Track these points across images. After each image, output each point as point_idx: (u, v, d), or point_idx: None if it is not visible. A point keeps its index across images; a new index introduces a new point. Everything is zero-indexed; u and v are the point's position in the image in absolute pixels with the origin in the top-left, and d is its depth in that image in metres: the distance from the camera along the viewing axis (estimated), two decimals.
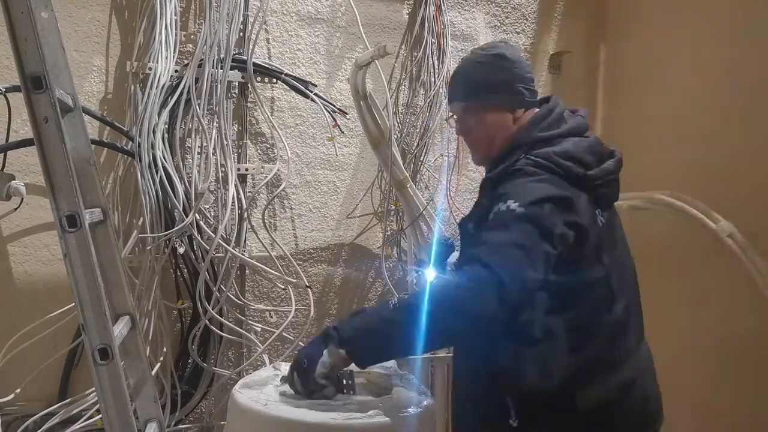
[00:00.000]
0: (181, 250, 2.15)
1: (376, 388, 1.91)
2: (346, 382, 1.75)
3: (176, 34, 2.17)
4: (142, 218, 2.10)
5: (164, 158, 2.09)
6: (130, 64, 2.14)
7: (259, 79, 2.35)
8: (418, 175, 2.60)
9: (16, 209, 2.03)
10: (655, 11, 2.64)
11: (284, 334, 2.28)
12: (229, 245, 2.19)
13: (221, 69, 2.17)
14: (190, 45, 2.26)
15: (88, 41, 2.16)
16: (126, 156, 2.16)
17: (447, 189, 2.61)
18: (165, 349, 2.15)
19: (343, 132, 2.46)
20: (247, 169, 2.34)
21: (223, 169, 2.21)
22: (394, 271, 2.59)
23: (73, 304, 1.26)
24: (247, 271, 2.37)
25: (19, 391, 2.04)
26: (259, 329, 2.32)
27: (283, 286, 2.36)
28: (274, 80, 2.37)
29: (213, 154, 2.19)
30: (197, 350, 2.20)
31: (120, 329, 1.41)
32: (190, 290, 2.20)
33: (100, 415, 1.62)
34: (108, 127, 2.15)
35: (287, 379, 1.52)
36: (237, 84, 2.32)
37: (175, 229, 2.07)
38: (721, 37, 2.32)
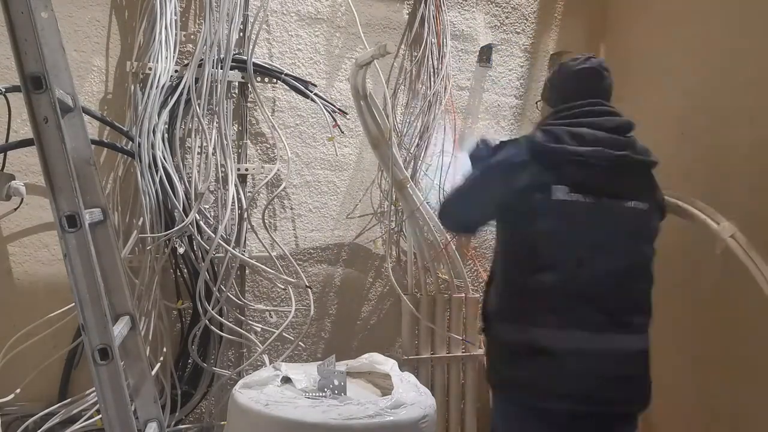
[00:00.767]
0: (181, 250, 2.15)
1: (376, 388, 1.91)
2: (338, 383, 1.76)
3: (176, 34, 2.17)
4: (142, 218, 2.09)
5: (164, 158, 2.09)
6: (130, 64, 2.14)
7: (259, 79, 2.35)
8: (418, 175, 2.59)
9: (16, 209, 2.03)
10: (655, 11, 2.64)
11: (284, 334, 2.28)
12: (229, 245, 2.19)
13: (221, 69, 2.17)
14: (190, 45, 2.27)
15: (88, 41, 2.17)
16: (126, 156, 2.16)
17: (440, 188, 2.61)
18: (165, 349, 2.15)
19: (343, 132, 2.46)
20: (247, 169, 2.34)
21: (223, 169, 2.21)
22: (393, 271, 2.59)
23: (73, 304, 1.26)
24: (247, 271, 2.37)
25: (19, 391, 2.04)
26: (259, 329, 2.32)
27: (283, 286, 2.36)
28: (274, 80, 2.37)
29: (213, 154, 2.19)
30: (197, 350, 2.20)
31: (120, 329, 1.41)
32: (190, 290, 2.20)
33: (100, 415, 1.62)
34: (108, 127, 2.15)
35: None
36: (237, 84, 2.32)
37: (175, 229, 2.07)
38: (721, 36, 2.32)
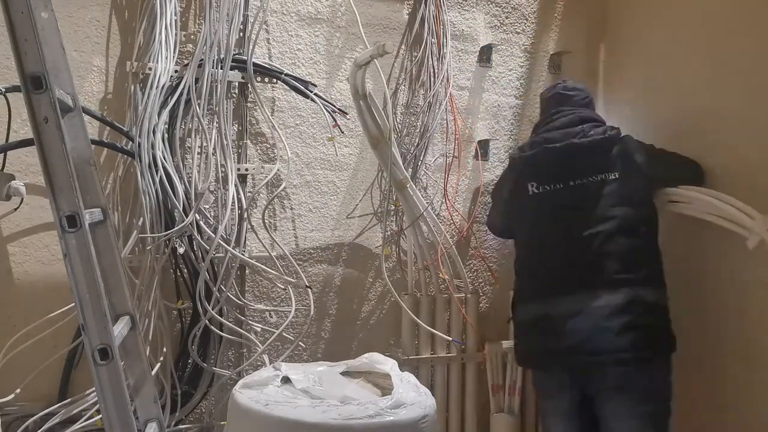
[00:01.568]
0: (181, 250, 2.15)
1: (376, 388, 1.91)
2: None
3: (176, 34, 2.17)
4: (142, 218, 2.09)
5: (164, 158, 2.09)
6: (130, 64, 2.14)
7: (259, 79, 2.35)
8: (418, 175, 2.60)
9: (16, 209, 2.03)
10: (654, 11, 2.64)
11: (284, 334, 2.28)
12: (229, 245, 2.19)
13: (221, 69, 2.17)
14: (190, 45, 2.27)
15: (88, 41, 2.16)
16: (126, 156, 2.16)
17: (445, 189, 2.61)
18: (165, 349, 2.15)
19: (343, 132, 2.46)
20: (247, 169, 2.34)
21: (223, 169, 2.21)
22: (393, 271, 2.60)
23: (73, 304, 1.26)
24: (247, 271, 2.37)
25: (19, 391, 2.04)
26: (259, 329, 2.32)
27: (283, 286, 2.36)
28: (274, 80, 2.37)
29: (213, 154, 2.19)
30: (197, 350, 2.20)
31: (120, 329, 1.41)
32: (190, 290, 2.20)
33: (100, 415, 1.62)
34: (108, 127, 2.15)
35: None
36: (237, 84, 2.32)
37: (175, 229, 2.07)
38: (721, 36, 2.32)
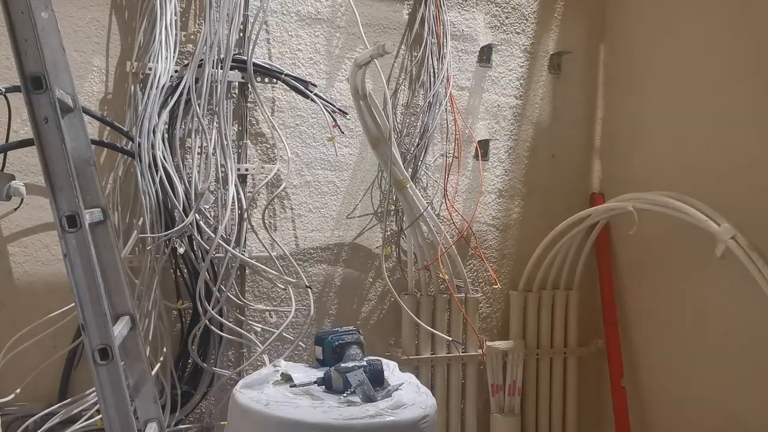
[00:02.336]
0: (181, 250, 2.15)
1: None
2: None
3: (176, 34, 2.17)
4: (142, 218, 2.09)
5: (164, 158, 2.09)
6: (130, 64, 2.14)
7: (259, 79, 2.35)
8: (418, 175, 2.60)
9: (16, 209, 2.03)
10: (654, 11, 2.64)
11: (284, 334, 2.28)
12: (229, 245, 2.19)
13: (221, 69, 2.17)
14: (190, 45, 2.26)
15: (88, 41, 2.16)
16: (126, 156, 2.16)
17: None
18: (165, 349, 2.15)
19: (343, 132, 2.46)
20: (247, 169, 2.34)
21: (223, 169, 2.21)
22: (393, 271, 2.60)
23: (73, 304, 1.26)
24: (247, 271, 2.37)
25: (19, 391, 2.04)
26: (259, 329, 2.32)
27: (283, 286, 2.36)
28: (274, 80, 2.37)
29: (213, 154, 2.19)
30: (197, 350, 2.20)
31: (120, 329, 1.41)
32: (190, 290, 2.20)
33: (100, 415, 1.62)
34: (108, 127, 2.15)
35: None
36: (237, 84, 2.32)
37: (175, 229, 2.07)
38: (721, 36, 2.32)
